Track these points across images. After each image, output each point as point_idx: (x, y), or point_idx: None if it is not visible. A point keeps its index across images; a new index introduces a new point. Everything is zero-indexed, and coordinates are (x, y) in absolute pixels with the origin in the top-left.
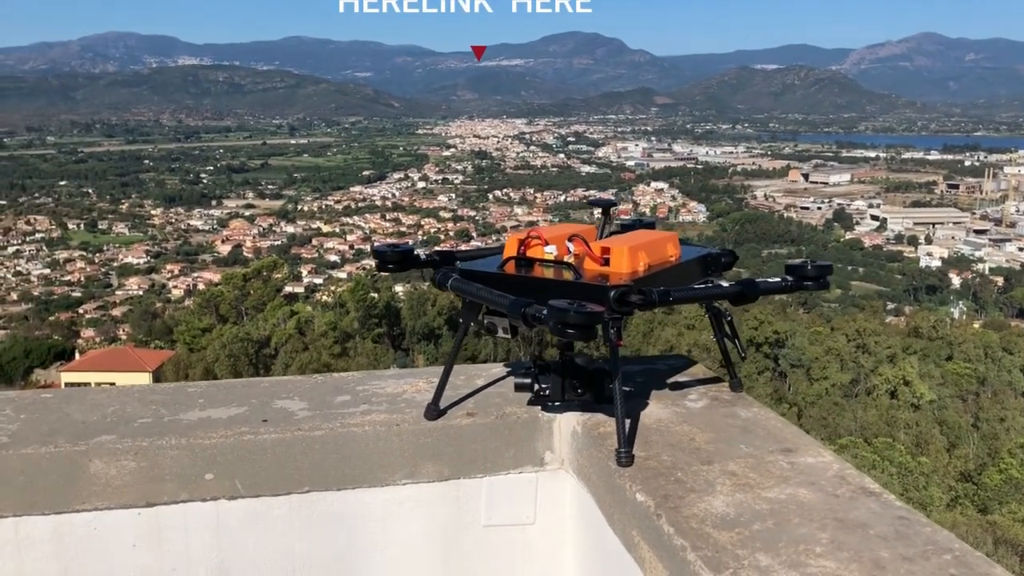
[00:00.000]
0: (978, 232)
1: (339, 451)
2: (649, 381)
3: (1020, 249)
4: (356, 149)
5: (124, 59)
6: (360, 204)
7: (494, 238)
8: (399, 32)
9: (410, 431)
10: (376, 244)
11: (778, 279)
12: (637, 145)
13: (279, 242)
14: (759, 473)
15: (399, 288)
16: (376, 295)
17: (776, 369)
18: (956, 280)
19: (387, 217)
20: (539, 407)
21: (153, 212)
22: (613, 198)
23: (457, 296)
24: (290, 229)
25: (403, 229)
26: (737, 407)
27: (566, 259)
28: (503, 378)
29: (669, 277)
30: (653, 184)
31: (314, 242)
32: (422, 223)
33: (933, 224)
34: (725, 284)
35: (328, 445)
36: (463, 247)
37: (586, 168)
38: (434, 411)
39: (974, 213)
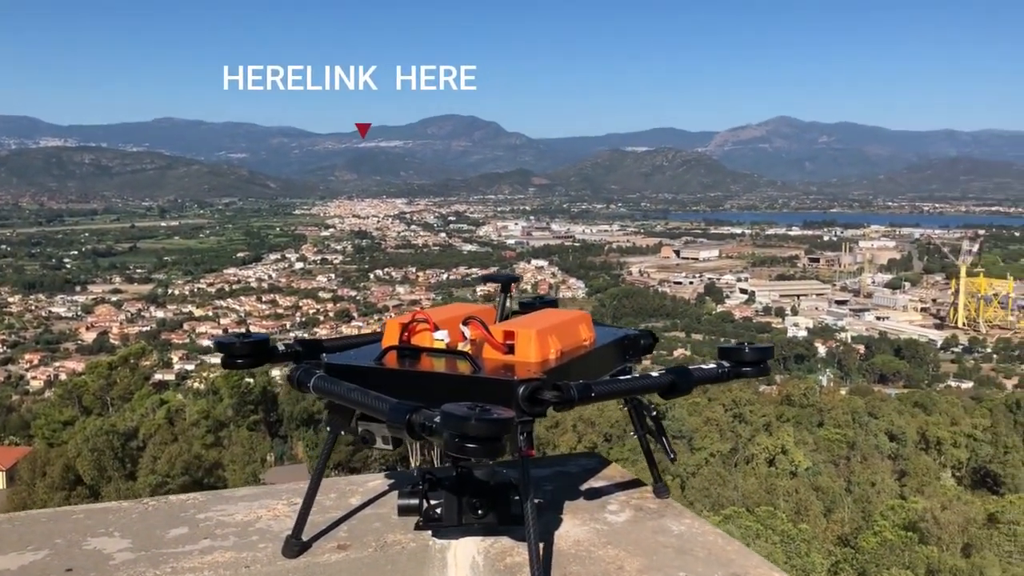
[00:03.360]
0: (839, 303)
1: None
2: (560, 488)
3: (878, 318)
4: (230, 230)
5: None
6: (235, 286)
7: (376, 318)
8: (275, 114)
9: (263, 574)
10: (219, 336)
11: (713, 366)
12: (517, 224)
13: (148, 327)
14: None
15: (276, 372)
16: (252, 380)
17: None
18: (822, 349)
19: (263, 299)
20: (430, 532)
21: (11, 299)
22: (513, 273)
23: (322, 399)
24: (160, 314)
25: (280, 311)
26: (667, 519)
27: (461, 347)
28: (385, 494)
29: (584, 365)
30: (534, 261)
31: (185, 327)
32: (300, 304)
33: (798, 296)
34: (655, 374)
35: None
36: (332, 335)
37: (468, 246)
38: (295, 546)
39: (834, 285)
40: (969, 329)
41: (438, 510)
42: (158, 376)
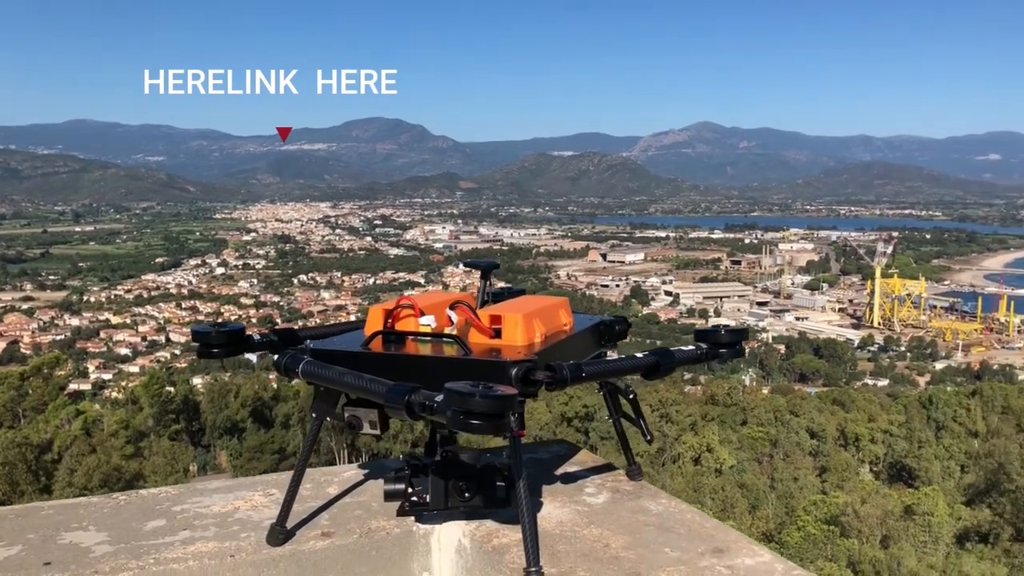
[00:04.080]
0: (760, 304)
1: None
2: (536, 474)
3: (797, 319)
4: (148, 236)
5: None
6: (153, 293)
7: (300, 324)
8: (194, 116)
9: (249, 562)
10: (196, 325)
11: (692, 348)
12: (444, 228)
13: (62, 336)
14: None
15: (198, 380)
16: (172, 389)
17: (587, 442)
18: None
19: (183, 305)
20: (413, 517)
21: None
22: (494, 260)
23: (309, 384)
24: (75, 322)
25: (201, 317)
26: (643, 499)
27: (447, 331)
28: (361, 483)
29: (566, 349)
30: (462, 265)
31: (102, 335)
32: (222, 310)
33: (720, 298)
34: (639, 355)
35: None
36: (304, 325)
37: (394, 250)
38: (280, 533)
39: (755, 286)
40: (884, 328)
41: (422, 494)
42: (73, 386)
